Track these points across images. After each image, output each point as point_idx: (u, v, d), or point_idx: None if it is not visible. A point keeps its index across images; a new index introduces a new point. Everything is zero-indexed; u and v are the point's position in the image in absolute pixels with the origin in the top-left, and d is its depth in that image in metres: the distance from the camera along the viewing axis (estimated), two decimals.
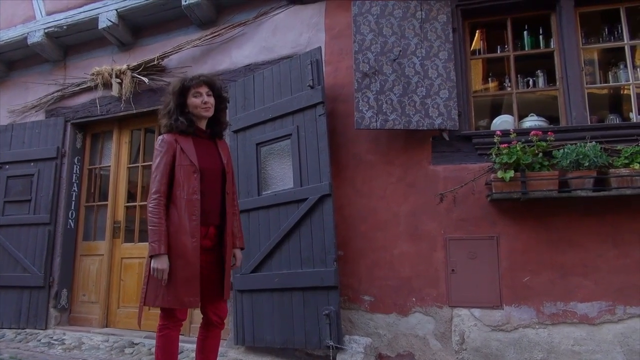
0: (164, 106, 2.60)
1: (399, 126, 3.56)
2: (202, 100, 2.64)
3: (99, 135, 5.38)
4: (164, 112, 2.59)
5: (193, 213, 2.48)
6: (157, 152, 2.53)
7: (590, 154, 3.11)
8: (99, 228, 5.18)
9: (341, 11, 4.07)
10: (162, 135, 2.57)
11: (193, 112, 2.62)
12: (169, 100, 2.59)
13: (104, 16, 4.79)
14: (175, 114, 2.56)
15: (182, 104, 2.59)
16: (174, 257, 2.42)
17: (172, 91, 2.59)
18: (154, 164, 2.52)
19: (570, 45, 3.61)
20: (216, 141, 2.72)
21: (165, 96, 2.64)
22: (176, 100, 2.58)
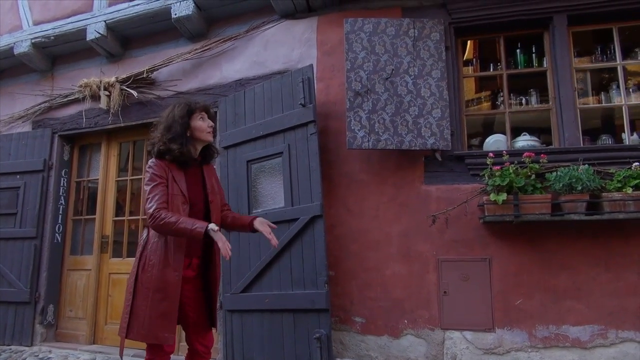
0: (165, 130, 2.48)
1: (391, 146, 3.53)
2: (208, 124, 2.59)
3: (87, 147, 5.29)
4: (168, 136, 2.45)
5: (179, 244, 2.42)
6: (153, 175, 2.43)
7: (583, 178, 3.09)
8: (86, 242, 5.10)
9: (333, 27, 4.03)
10: (154, 159, 2.49)
11: (197, 137, 2.55)
12: (171, 123, 2.48)
13: (92, 27, 4.71)
14: (181, 138, 2.48)
15: (187, 129, 2.52)
16: (153, 289, 2.34)
17: (180, 115, 2.49)
18: (149, 185, 2.41)
19: (563, 65, 3.60)
20: (202, 167, 2.65)
21: (165, 119, 2.53)
22: (183, 124, 2.49)
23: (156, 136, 2.50)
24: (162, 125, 2.50)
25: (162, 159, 2.46)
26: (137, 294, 2.37)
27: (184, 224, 2.28)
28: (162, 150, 2.44)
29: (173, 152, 2.43)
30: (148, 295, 2.34)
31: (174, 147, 2.43)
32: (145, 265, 2.39)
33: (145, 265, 2.39)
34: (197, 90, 4.47)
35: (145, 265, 2.39)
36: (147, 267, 2.38)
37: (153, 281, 2.34)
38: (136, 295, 2.36)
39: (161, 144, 2.45)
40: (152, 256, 2.39)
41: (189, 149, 2.51)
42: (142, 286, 2.36)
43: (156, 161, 2.46)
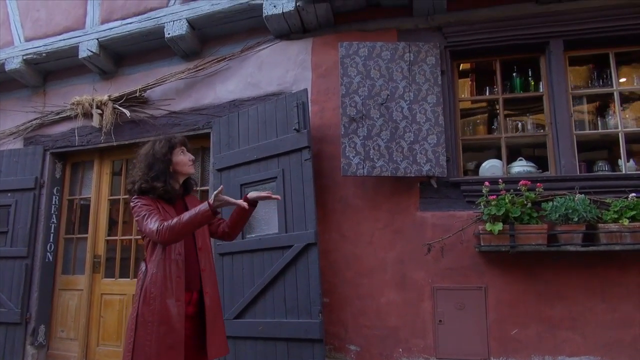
0: (147, 168, 2.45)
1: (386, 173, 3.49)
2: (189, 157, 2.58)
3: (79, 165, 5.23)
4: (151, 174, 2.43)
5: (179, 275, 2.38)
6: (142, 206, 2.39)
7: (579, 209, 3.07)
8: (78, 261, 5.03)
9: (328, 49, 3.99)
10: (137, 198, 2.44)
11: (179, 171, 2.54)
12: (152, 161, 2.45)
13: (84, 45, 4.65)
14: (164, 175, 2.45)
15: (170, 165, 2.49)
16: (157, 322, 2.30)
17: (162, 152, 2.47)
18: (140, 215, 2.37)
19: (560, 90, 3.57)
20: (184, 199, 2.62)
21: (145, 157, 2.50)
22: (166, 160, 2.47)
23: (136, 174, 2.46)
24: (143, 163, 2.47)
25: (145, 196, 2.42)
26: (139, 328, 2.31)
27: (187, 216, 2.27)
28: (145, 188, 2.41)
29: (157, 190, 2.40)
30: (152, 329, 2.29)
31: (157, 185, 2.41)
32: (147, 297, 2.34)
33: (147, 297, 2.34)
34: (191, 110, 4.43)
35: (147, 298, 2.34)
36: (148, 300, 2.33)
37: (156, 314, 2.30)
38: (138, 330, 2.30)
39: (143, 182, 2.41)
40: (153, 288, 2.34)
41: (173, 186, 2.48)
42: (144, 320, 2.31)
43: (139, 197, 2.42)
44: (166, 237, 2.27)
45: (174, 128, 4.48)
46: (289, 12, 3.88)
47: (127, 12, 4.55)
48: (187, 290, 2.44)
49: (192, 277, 2.47)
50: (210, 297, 2.52)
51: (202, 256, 2.53)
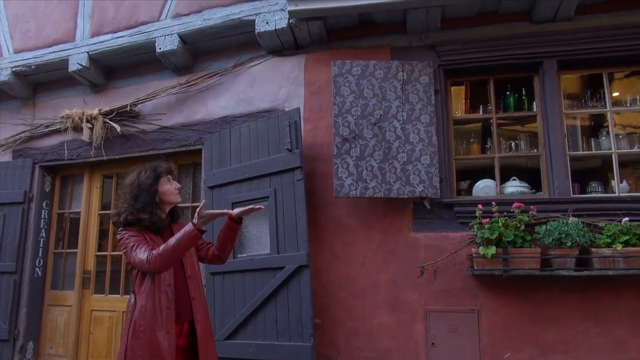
0: (133, 199, 2.40)
1: (379, 194, 3.46)
2: (175, 186, 2.53)
3: (68, 178, 5.16)
4: (137, 206, 2.38)
5: (168, 307, 2.33)
6: (129, 237, 2.35)
7: (572, 233, 3.05)
8: (67, 275, 4.97)
9: (321, 66, 3.95)
10: (124, 229, 2.39)
11: (165, 200, 2.49)
12: (138, 192, 2.40)
13: (74, 59, 4.58)
14: (151, 206, 2.41)
15: (156, 195, 2.44)
16: (148, 356, 2.25)
17: (147, 182, 2.42)
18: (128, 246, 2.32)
19: (553, 111, 3.55)
20: (171, 227, 2.57)
21: (130, 187, 2.45)
22: (152, 191, 2.42)
23: (122, 206, 2.41)
24: (128, 194, 2.41)
25: (131, 227, 2.37)
26: None
27: (174, 240, 2.23)
28: (131, 220, 2.36)
29: (143, 221, 2.36)
30: None
31: (144, 216, 2.36)
32: (136, 330, 2.28)
33: (136, 330, 2.28)
34: (182, 125, 4.38)
35: (136, 331, 2.28)
36: (137, 333, 2.27)
37: (146, 348, 2.24)
38: None
39: (128, 213, 2.36)
40: (142, 321, 2.29)
41: (160, 216, 2.44)
42: (134, 354, 2.25)
43: (126, 228, 2.37)
44: (157, 265, 2.22)
45: (165, 143, 4.43)
46: (282, 29, 3.85)
47: (118, 26, 4.49)
48: (178, 322, 2.39)
49: (183, 307, 2.42)
50: (202, 326, 2.48)
51: (192, 284, 2.49)
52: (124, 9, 4.49)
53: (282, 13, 3.85)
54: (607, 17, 3.52)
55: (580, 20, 3.56)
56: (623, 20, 3.48)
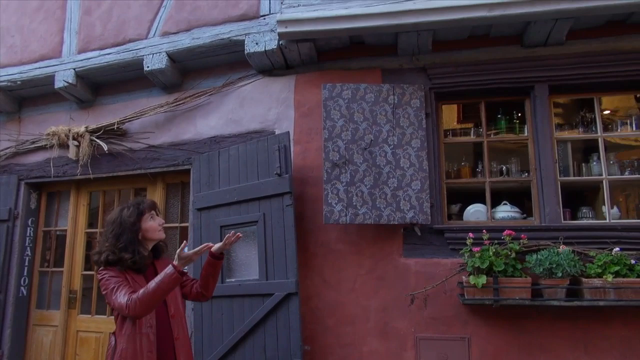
0: (115, 238, 2.34)
1: (369, 220, 3.42)
2: (159, 222, 2.47)
3: (55, 195, 5.08)
4: (119, 245, 2.30)
5: (150, 349, 2.27)
6: (110, 278, 2.28)
7: (563, 263, 3.03)
8: (53, 294, 4.88)
9: (311, 87, 3.91)
10: (105, 269, 2.32)
11: (149, 238, 2.43)
12: (120, 231, 2.34)
13: (61, 75, 4.50)
14: (133, 245, 2.34)
15: (139, 232, 2.39)
16: None
17: (130, 221, 2.35)
18: (108, 289, 2.26)
19: (544, 135, 3.54)
20: (154, 264, 2.51)
21: (112, 225, 2.38)
22: (135, 230, 2.36)
23: (103, 245, 2.34)
24: (110, 232, 2.35)
25: (112, 267, 2.31)
26: None
27: (154, 283, 2.16)
28: (112, 260, 2.29)
29: (125, 262, 2.29)
30: None
31: (126, 256, 2.29)
32: None
33: None
34: (170, 144, 4.31)
35: None
36: None
37: None
38: None
39: (109, 253, 2.29)
40: None
41: (142, 255, 2.37)
42: None
43: (107, 268, 2.31)
44: (136, 310, 2.16)
45: (153, 162, 4.36)
46: (272, 50, 3.80)
47: (105, 43, 4.42)
48: None
49: (165, 349, 2.36)
50: None
51: (175, 324, 2.43)
52: (112, 25, 4.42)
53: (272, 34, 3.80)
54: (597, 43, 3.50)
55: (571, 45, 3.54)
56: (613, 46, 3.47)
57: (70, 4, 4.68)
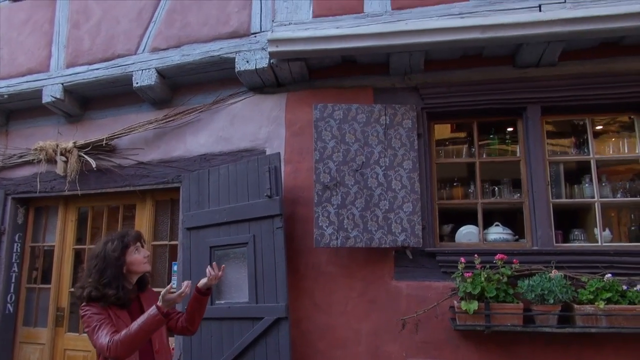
0: (98, 273, 2.27)
1: (360, 244, 3.39)
2: (144, 254, 2.41)
3: (42, 210, 5.00)
4: (102, 281, 2.23)
5: None
6: (92, 315, 2.22)
7: (555, 290, 3.01)
8: (41, 311, 4.80)
9: (302, 106, 3.87)
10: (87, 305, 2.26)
11: (134, 271, 2.37)
12: (104, 266, 2.27)
13: (49, 90, 4.43)
14: (117, 280, 2.27)
15: (123, 266, 2.32)
16: None
17: (114, 255, 2.27)
18: (90, 327, 2.20)
19: (537, 157, 3.51)
20: (139, 297, 2.45)
21: (95, 259, 2.32)
22: (119, 265, 2.29)
23: (86, 280, 2.27)
24: (93, 267, 2.27)
25: (95, 303, 2.24)
26: None
27: (136, 325, 2.11)
28: (96, 296, 2.22)
29: (109, 298, 2.22)
30: None
31: (109, 292, 2.22)
32: None
33: None
34: (159, 161, 4.26)
35: None
36: None
37: None
38: None
39: (92, 289, 2.22)
40: None
41: (127, 290, 2.31)
42: None
43: (89, 304, 2.24)
44: (117, 352, 2.10)
45: (143, 179, 4.30)
46: (262, 68, 3.75)
47: (94, 58, 4.35)
48: None
49: None
50: None
51: (160, 359, 2.38)
52: (100, 40, 4.35)
53: (262, 52, 3.75)
54: (590, 64, 3.49)
55: (564, 66, 3.52)
56: (606, 68, 3.46)
57: (58, 17, 4.61)
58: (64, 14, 4.59)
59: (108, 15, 4.38)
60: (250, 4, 3.90)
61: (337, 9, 3.66)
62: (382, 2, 3.60)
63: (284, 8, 3.75)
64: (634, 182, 3.60)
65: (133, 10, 4.27)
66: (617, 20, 3.14)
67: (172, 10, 4.12)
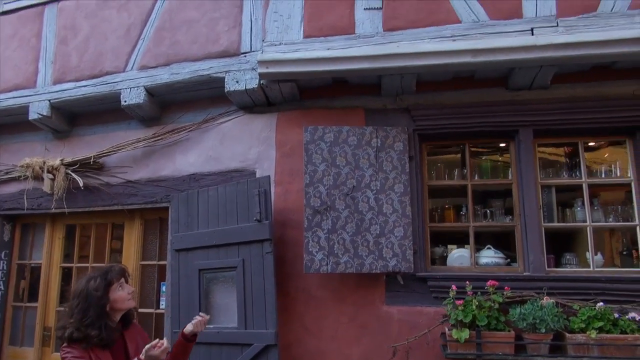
0: (81, 313, 2.20)
1: (350, 270, 3.35)
2: (128, 290, 2.35)
3: (29, 227, 4.92)
4: (85, 321, 2.15)
5: None
6: (70, 358, 2.17)
7: (547, 319, 2.98)
8: (27, 330, 4.72)
9: (293, 127, 3.82)
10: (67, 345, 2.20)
11: (117, 308, 2.31)
12: (87, 306, 2.20)
13: (35, 106, 4.36)
14: (101, 320, 2.20)
15: (107, 304, 2.26)
16: None
17: (97, 295, 2.19)
18: None
19: (528, 180, 3.49)
20: (123, 334, 2.38)
21: (78, 297, 2.25)
22: (102, 305, 2.22)
23: (68, 320, 2.20)
24: (76, 307, 2.19)
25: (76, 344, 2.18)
26: None
27: None
28: (77, 337, 2.15)
29: (91, 339, 2.15)
30: None
31: (92, 333, 2.15)
32: None
33: None
34: (148, 180, 4.20)
35: None
36: None
37: None
38: None
39: (74, 330, 2.13)
40: None
41: (110, 329, 2.24)
42: None
43: (70, 346, 2.17)
44: None
45: (131, 198, 4.24)
46: (252, 89, 3.70)
47: (81, 74, 4.28)
48: None
49: None
50: None
51: None
52: (88, 57, 4.28)
53: (252, 72, 3.70)
54: (582, 88, 3.47)
55: (556, 89, 3.51)
56: (598, 92, 3.44)
57: (45, 32, 4.54)
58: (52, 29, 4.52)
59: (96, 32, 4.31)
60: (241, 23, 3.85)
61: (328, 30, 3.62)
62: (373, 24, 3.57)
63: (274, 28, 3.71)
64: (625, 205, 3.58)
65: (121, 27, 4.21)
66: (609, 46, 3.12)
67: (161, 28, 4.06)
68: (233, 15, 3.88)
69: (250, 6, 3.85)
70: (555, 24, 3.31)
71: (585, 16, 3.29)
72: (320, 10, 3.64)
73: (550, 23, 3.32)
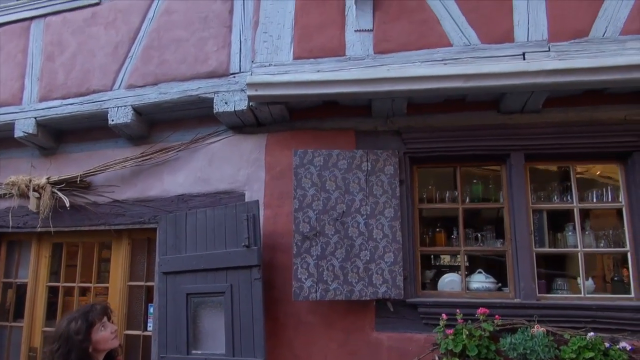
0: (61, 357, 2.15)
1: (340, 297, 3.30)
2: (111, 329, 2.30)
3: (15, 244, 4.83)
4: None
5: None
6: None
7: (537, 349, 2.96)
8: (13, 349, 4.64)
9: (282, 149, 3.77)
10: None
11: (101, 349, 2.26)
12: (68, 350, 2.15)
13: (21, 124, 4.28)
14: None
15: (89, 346, 2.21)
16: None
17: (79, 338, 2.15)
18: None
19: (520, 204, 3.47)
20: None
21: (59, 340, 2.19)
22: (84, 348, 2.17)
23: None
24: (57, 351, 2.15)
25: None
26: None
27: None
28: None
29: None
30: None
31: None
32: None
33: None
34: (135, 200, 4.13)
35: None
36: None
37: None
38: None
39: None
40: None
41: None
42: None
43: None
44: None
45: (118, 218, 4.17)
46: (242, 110, 3.65)
47: (68, 92, 4.21)
48: None
49: None
50: None
51: None
52: (75, 74, 4.21)
53: (241, 94, 3.65)
54: (574, 112, 3.45)
55: (548, 113, 3.48)
56: (589, 117, 3.42)
57: (32, 48, 4.46)
58: (38, 45, 4.44)
59: (83, 49, 4.24)
60: (230, 43, 3.80)
61: (318, 51, 3.58)
62: (364, 46, 3.53)
63: (264, 49, 3.66)
64: (617, 230, 3.56)
65: (109, 44, 4.14)
66: (600, 72, 3.10)
67: (149, 47, 4.00)
68: (222, 35, 3.82)
69: (239, 26, 3.80)
70: (547, 49, 3.28)
71: (577, 41, 3.26)
72: (310, 31, 3.60)
73: (542, 48, 3.30)
